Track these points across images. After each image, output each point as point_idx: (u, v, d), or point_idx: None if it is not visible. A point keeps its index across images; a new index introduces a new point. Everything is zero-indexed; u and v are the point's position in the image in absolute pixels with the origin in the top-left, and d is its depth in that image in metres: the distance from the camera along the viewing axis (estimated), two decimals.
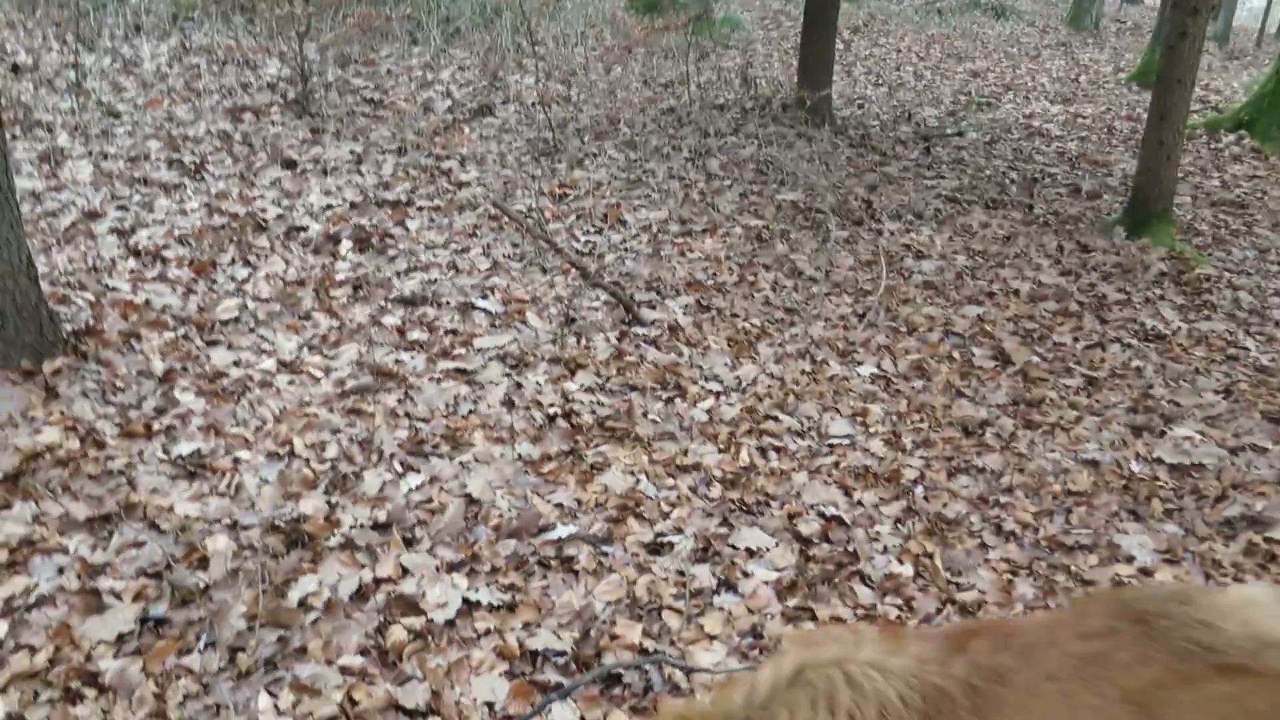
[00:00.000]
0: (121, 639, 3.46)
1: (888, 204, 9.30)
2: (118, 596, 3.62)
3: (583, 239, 7.65)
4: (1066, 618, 2.30)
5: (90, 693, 3.25)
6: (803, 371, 6.11)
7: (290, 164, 8.22)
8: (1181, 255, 8.80)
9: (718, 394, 5.69)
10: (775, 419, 5.51)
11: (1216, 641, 2.09)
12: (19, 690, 3.21)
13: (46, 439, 4.32)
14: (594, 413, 5.26)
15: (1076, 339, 7.01)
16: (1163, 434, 5.79)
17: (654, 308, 6.62)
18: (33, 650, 3.36)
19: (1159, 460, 5.50)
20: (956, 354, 6.61)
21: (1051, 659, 2.12)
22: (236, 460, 4.45)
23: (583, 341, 5.98)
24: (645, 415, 5.34)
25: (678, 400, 5.56)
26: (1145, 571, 4.53)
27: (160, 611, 3.58)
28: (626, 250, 7.52)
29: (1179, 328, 7.35)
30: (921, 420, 5.73)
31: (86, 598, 3.59)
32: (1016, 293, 7.69)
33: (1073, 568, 4.52)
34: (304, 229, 7.01)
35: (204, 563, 3.83)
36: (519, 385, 5.42)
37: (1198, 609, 2.16)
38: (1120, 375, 6.54)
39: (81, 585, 3.64)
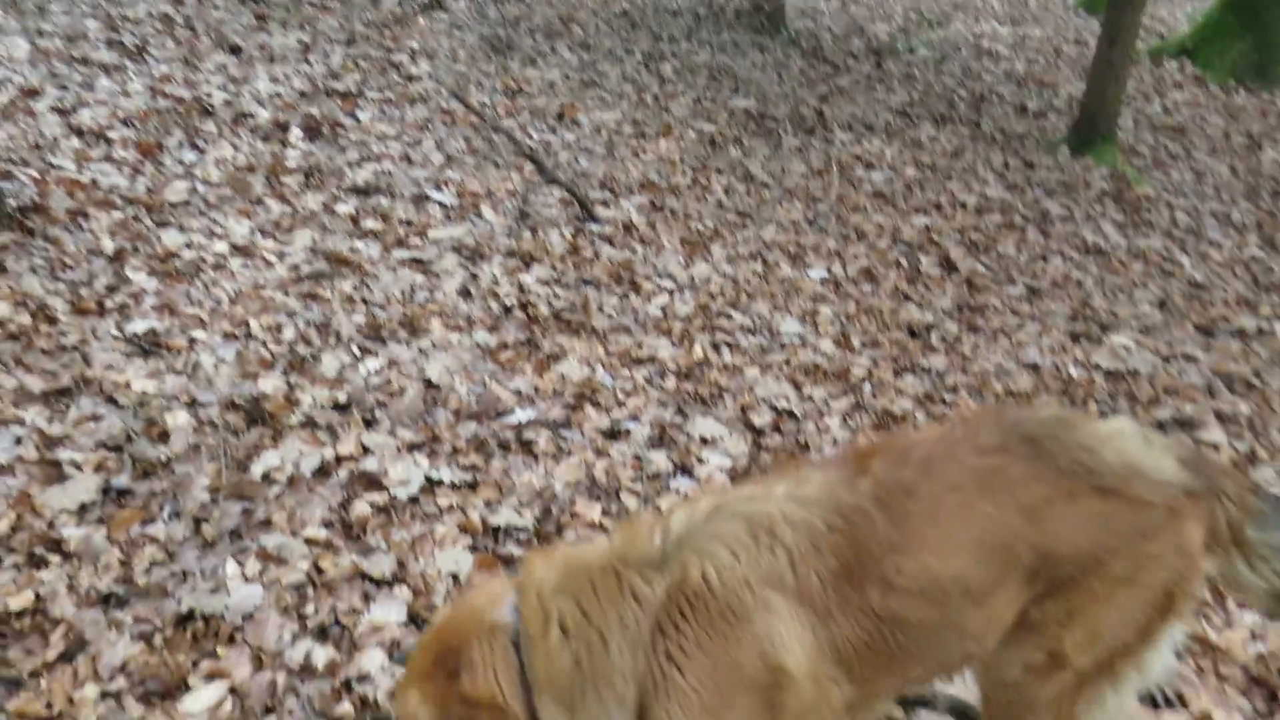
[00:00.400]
0: (84, 508, 3.46)
1: (839, 115, 9.33)
2: (78, 467, 3.61)
3: (536, 137, 7.59)
4: (959, 434, 2.45)
5: (54, 558, 3.26)
6: (755, 272, 6.18)
7: (235, 50, 8.00)
8: (1123, 175, 8.98)
9: (671, 291, 5.74)
10: (728, 316, 5.59)
11: (1095, 465, 2.27)
12: None
13: None
14: (550, 305, 5.29)
15: (1020, 250, 7.16)
16: (1100, 341, 5.98)
17: (608, 206, 6.62)
18: None
19: (1096, 366, 5.69)
20: (904, 261, 6.72)
21: (952, 472, 2.27)
22: (192, 340, 4.42)
23: (538, 236, 5.98)
24: (600, 309, 5.38)
25: (632, 295, 5.61)
26: None
27: (122, 482, 3.59)
28: (580, 149, 7.48)
29: (1118, 243, 7.54)
30: (870, 322, 5.85)
31: (46, 468, 3.57)
32: (963, 205, 7.81)
33: None
34: (252, 116, 6.86)
35: (164, 437, 3.82)
36: (475, 276, 5.42)
37: (1080, 435, 2.33)
38: (1061, 286, 6.71)
39: (40, 456, 3.62)
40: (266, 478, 3.72)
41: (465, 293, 5.23)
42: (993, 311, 6.21)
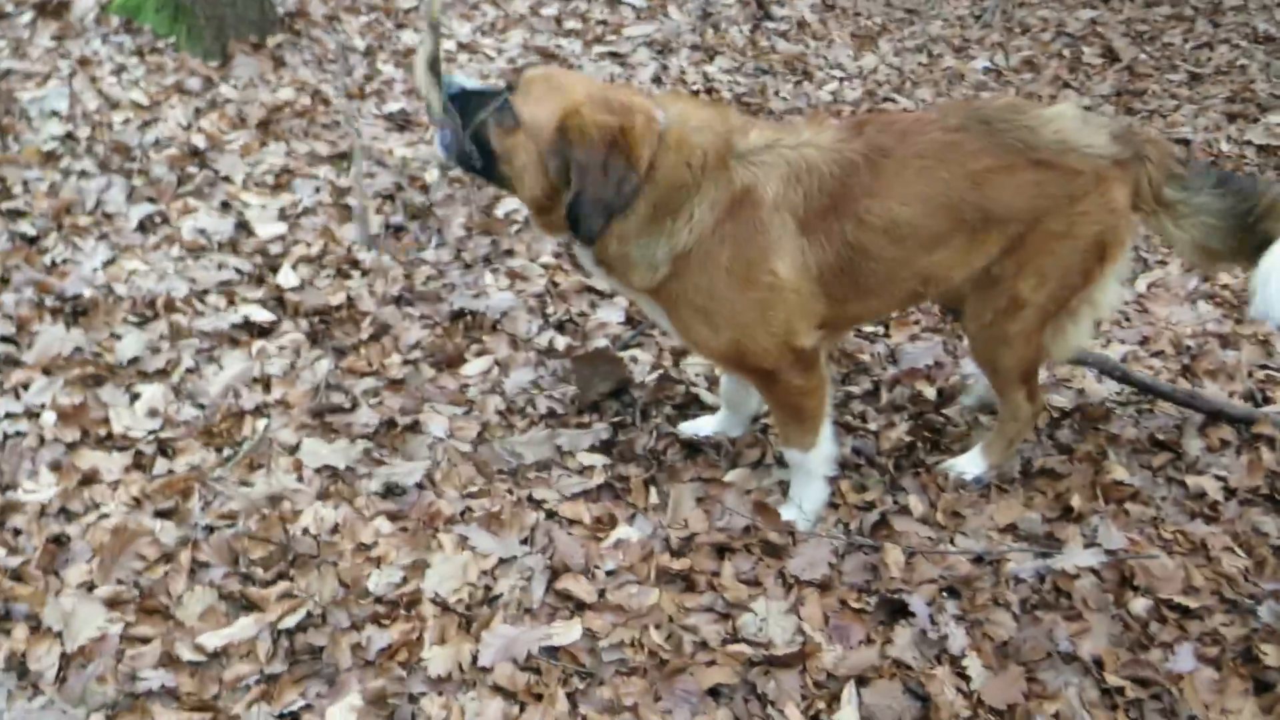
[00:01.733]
0: (371, 239, 4.42)
1: None
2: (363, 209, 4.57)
3: None
4: (933, 115, 3.06)
5: (355, 273, 4.25)
6: (919, 63, 6.67)
7: None
8: None
9: (841, 79, 6.32)
10: (893, 101, 6.14)
11: (1034, 141, 2.86)
12: (304, 268, 4.21)
13: (283, 96, 5.22)
14: (731, 90, 5.96)
15: (1186, 40, 7.35)
16: (1256, 120, 6.26)
17: (782, 5, 7.15)
18: (307, 245, 4.35)
19: (1248, 142, 6.01)
20: (1066, 52, 7.05)
21: (921, 143, 2.88)
22: None
23: (720, 32, 6.61)
24: (776, 94, 6.02)
25: (805, 83, 6.22)
26: None
27: (398, 221, 4.54)
28: None
29: None
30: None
31: (340, 210, 4.55)
32: None
33: None
34: None
35: (425, 189, 4.75)
36: (665, 67, 6.13)
37: (1025, 117, 2.91)
38: (1224, 72, 6.93)
39: (334, 201, 4.59)
40: (507, 218, 4.61)
41: (657, 80, 5.95)
42: (1151, 95, 6.54)
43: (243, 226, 4.39)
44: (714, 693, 2.72)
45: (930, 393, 3.88)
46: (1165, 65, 6.96)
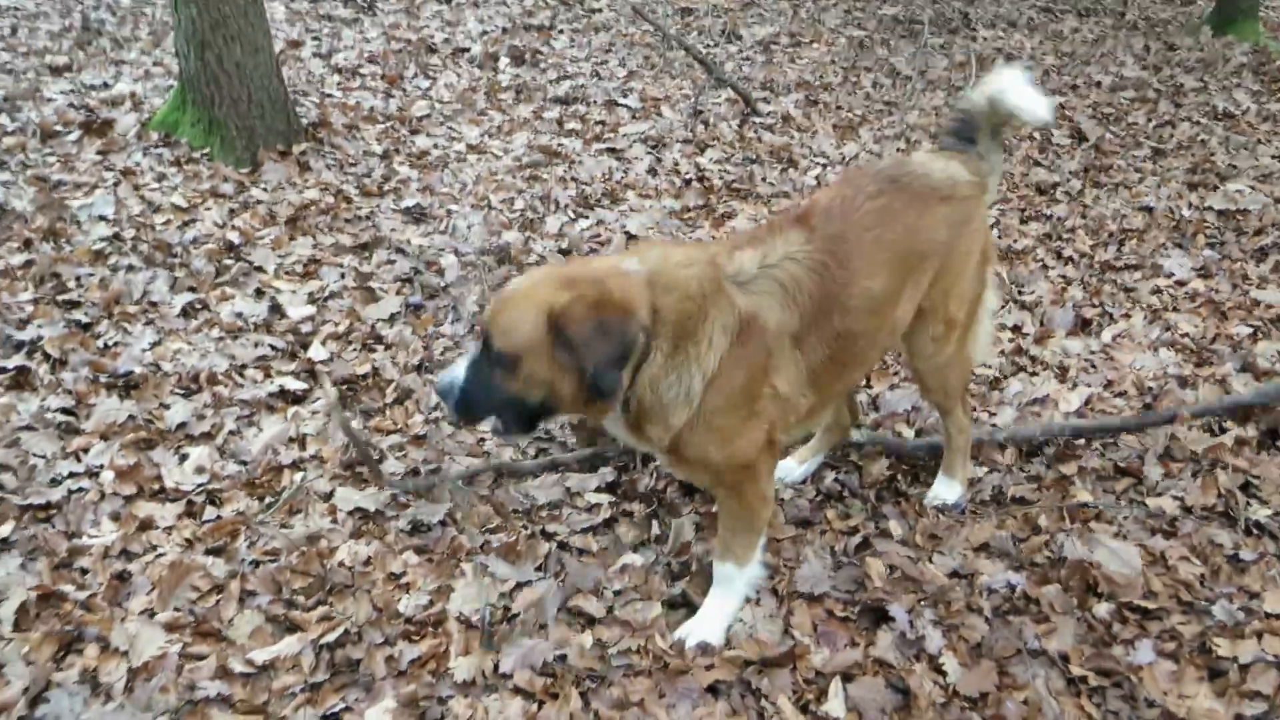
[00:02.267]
0: (393, 317, 4.83)
1: (983, 15, 10.06)
2: (385, 292, 4.99)
3: (705, 51, 8.69)
4: (850, 190, 3.28)
5: (379, 347, 4.64)
6: (898, 148, 7.14)
7: None
8: (1264, 49, 9.39)
9: (824, 165, 6.79)
10: None
11: (933, 183, 3.27)
12: (332, 343, 4.61)
13: (309, 196, 5.69)
14: (722, 178, 6.43)
15: (1150, 119, 7.84)
16: (1216, 188, 6.68)
17: (768, 103, 7.68)
18: (335, 324, 4.75)
19: (1209, 208, 6.41)
20: (1037, 134, 7.53)
21: (861, 217, 3.17)
22: (449, 210, 5.77)
23: (710, 127, 7.12)
24: (764, 180, 6.48)
25: (790, 170, 6.68)
26: (1180, 283, 5.54)
27: (416, 300, 4.95)
28: (743, 59, 8.56)
29: (1249, 108, 8.09)
30: (1000, 183, 6.72)
31: (364, 293, 4.97)
32: (1098, 84, 8.49)
33: (1119, 280, 5.56)
34: (467, 50, 8.24)
35: (440, 272, 5.17)
36: (659, 159, 6.61)
37: (915, 166, 3.32)
38: (1186, 147, 7.38)
39: (359, 285, 5.01)
40: None
41: (652, 171, 6.43)
42: (1116, 170, 6.98)
43: (276, 309, 4.80)
44: (713, 690, 3.01)
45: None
46: (1130, 143, 7.42)
